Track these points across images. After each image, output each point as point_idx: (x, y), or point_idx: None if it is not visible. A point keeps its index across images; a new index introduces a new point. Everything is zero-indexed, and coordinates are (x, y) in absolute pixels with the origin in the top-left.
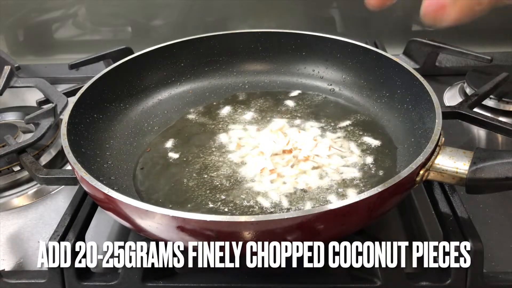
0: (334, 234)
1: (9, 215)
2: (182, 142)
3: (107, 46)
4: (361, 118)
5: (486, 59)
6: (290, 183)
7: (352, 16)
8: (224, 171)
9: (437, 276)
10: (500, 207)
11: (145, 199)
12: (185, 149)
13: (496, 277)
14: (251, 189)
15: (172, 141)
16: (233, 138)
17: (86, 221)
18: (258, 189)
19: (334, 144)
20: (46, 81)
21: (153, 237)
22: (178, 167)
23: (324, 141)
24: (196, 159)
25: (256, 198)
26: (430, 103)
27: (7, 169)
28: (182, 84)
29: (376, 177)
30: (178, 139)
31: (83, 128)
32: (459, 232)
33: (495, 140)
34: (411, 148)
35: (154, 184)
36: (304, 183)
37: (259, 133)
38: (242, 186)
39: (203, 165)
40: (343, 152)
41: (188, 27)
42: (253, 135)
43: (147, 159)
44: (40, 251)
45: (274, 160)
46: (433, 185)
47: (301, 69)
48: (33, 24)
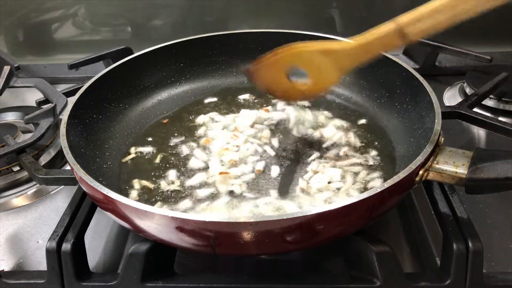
0: (334, 234)
1: (9, 215)
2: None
3: (107, 46)
4: (360, 118)
5: (486, 59)
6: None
7: (352, 16)
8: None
9: (437, 276)
10: (500, 207)
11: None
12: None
13: (496, 277)
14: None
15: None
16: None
17: (85, 221)
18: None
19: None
20: (45, 81)
21: (152, 237)
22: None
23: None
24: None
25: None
26: (429, 103)
27: (6, 169)
28: (182, 84)
29: (375, 177)
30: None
31: (82, 128)
32: (459, 232)
33: (495, 140)
34: (411, 148)
35: None
36: (303, 182)
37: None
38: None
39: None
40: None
41: (188, 27)
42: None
43: None
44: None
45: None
46: (433, 185)
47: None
48: (33, 24)
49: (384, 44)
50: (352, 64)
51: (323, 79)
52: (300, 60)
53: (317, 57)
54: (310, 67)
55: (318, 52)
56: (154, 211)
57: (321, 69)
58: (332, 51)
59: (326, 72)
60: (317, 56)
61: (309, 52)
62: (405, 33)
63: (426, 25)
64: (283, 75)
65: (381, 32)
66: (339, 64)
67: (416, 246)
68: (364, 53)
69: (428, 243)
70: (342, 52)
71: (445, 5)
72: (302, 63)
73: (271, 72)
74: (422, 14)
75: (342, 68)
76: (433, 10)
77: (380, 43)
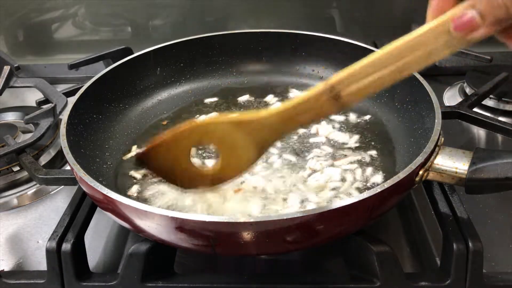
0: (334, 234)
1: (9, 215)
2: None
3: (107, 46)
4: (360, 118)
5: (486, 59)
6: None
7: (352, 16)
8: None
9: (437, 276)
10: (500, 207)
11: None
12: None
13: (496, 277)
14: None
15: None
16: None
17: (85, 221)
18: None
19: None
20: (45, 81)
21: (152, 237)
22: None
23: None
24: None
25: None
26: (429, 103)
27: (6, 169)
28: (182, 84)
29: (375, 177)
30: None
31: (82, 128)
32: (459, 232)
33: (495, 140)
34: (411, 148)
35: None
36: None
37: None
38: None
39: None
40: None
41: (188, 27)
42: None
43: None
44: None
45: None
46: (433, 185)
47: (300, 69)
48: (33, 24)
49: (313, 109)
50: (273, 138)
51: (238, 160)
52: (208, 136)
53: (230, 131)
54: (221, 144)
55: (231, 123)
56: (154, 211)
57: (235, 147)
58: (249, 122)
59: (242, 150)
60: (230, 129)
61: (220, 124)
62: (338, 93)
63: (363, 83)
64: (186, 156)
65: (309, 95)
66: (257, 138)
67: (416, 246)
68: (287, 123)
69: (428, 243)
70: (261, 122)
71: (383, 59)
72: (211, 139)
73: (169, 153)
74: (358, 70)
75: (260, 144)
76: (368, 65)
77: (307, 108)
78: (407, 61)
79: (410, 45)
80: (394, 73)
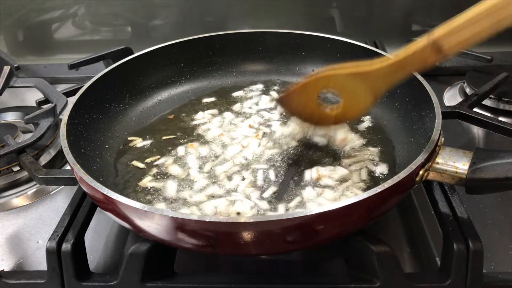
0: (334, 234)
1: (9, 215)
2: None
3: (107, 46)
4: (360, 118)
5: (486, 59)
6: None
7: (352, 16)
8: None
9: (437, 276)
10: (500, 207)
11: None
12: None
13: (496, 277)
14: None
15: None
16: (235, 138)
17: (85, 221)
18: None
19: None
20: (45, 81)
21: (152, 237)
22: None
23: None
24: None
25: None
26: (429, 103)
27: (6, 169)
28: (182, 84)
29: (375, 177)
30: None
31: (82, 128)
32: (459, 232)
33: (495, 140)
34: (411, 148)
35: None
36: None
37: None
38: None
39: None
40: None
41: (188, 27)
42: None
43: None
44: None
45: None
46: (433, 185)
47: (301, 69)
48: (33, 24)
49: (418, 61)
50: (385, 86)
51: (356, 103)
52: (332, 84)
53: (350, 80)
54: (342, 91)
55: (351, 75)
56: (154, 211)
57: (354, 93)
58: (365, 73)
59: (360, 96)
60: (350, 79)
61: (342, 75)
62: (440, 47)
63: (463, 37)
64: (314, 100)
65: (414, 48)
66: (372, 86)
67: (416, 246)
68: (397, 73)
69: (428, 243)
70: (375, 73)
71: (483, 14)
72: (334, 87)
73: (301, 97)
74: (458, 25)
75: (375, 91)
76: (469, 20)
77: (413, 61)
78: (505, 14)
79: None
80: (492, 26)
